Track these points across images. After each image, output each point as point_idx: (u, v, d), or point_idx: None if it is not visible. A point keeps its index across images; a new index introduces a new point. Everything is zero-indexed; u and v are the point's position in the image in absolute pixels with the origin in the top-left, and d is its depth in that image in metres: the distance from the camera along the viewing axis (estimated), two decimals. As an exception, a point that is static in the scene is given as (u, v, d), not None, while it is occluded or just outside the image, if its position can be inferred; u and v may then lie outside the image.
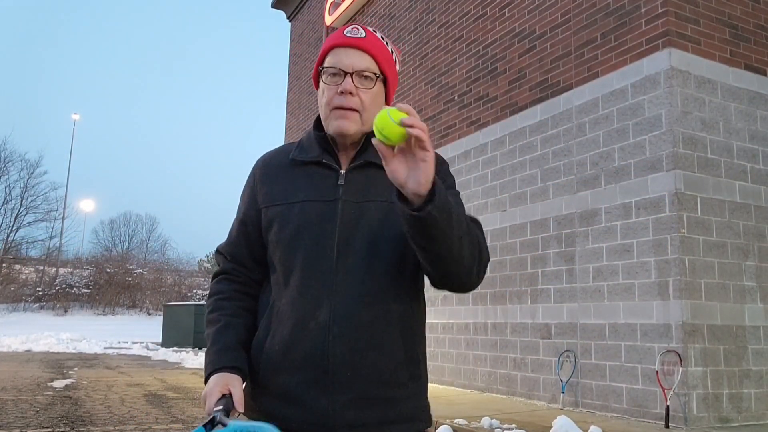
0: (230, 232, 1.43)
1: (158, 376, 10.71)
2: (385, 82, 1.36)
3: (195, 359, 14.04)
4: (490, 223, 7.98)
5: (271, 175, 1.37)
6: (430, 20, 9.94)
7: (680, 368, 5.39)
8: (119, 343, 20.63)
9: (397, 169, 1.12)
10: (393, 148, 1.14)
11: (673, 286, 5.58)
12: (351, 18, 12.77)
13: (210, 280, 1.51)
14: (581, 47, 6.91)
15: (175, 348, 18.03)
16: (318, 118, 1.40)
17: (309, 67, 14.89)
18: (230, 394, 1.21)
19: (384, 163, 1.14)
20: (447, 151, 9.04)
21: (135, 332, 25.52)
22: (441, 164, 1.41)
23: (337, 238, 1.27)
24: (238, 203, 1.45)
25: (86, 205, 45.05)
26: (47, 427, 5.54)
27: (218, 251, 1.45)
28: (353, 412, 1.22)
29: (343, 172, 1.33)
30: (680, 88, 5.89)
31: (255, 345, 1.32)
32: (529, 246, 7.30)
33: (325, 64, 1.34)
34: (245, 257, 1.39)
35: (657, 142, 5.89)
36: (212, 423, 1.14)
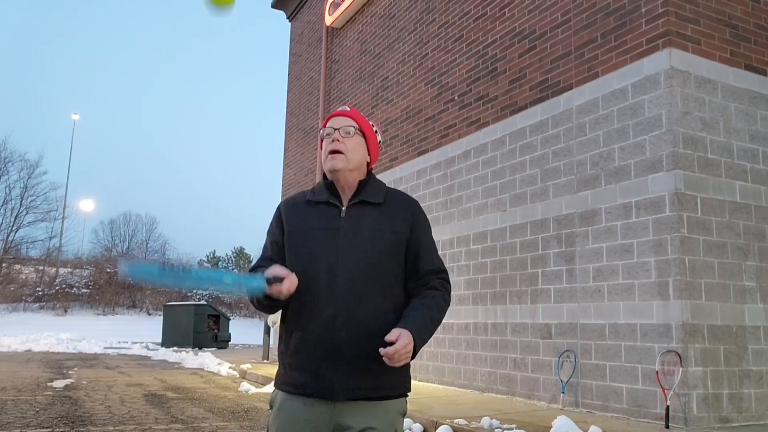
0: (264, 250, 1.93)
1: (158, 376, 10.70)
2: (364, 136, 1.90)
3: (195, 359, 14.04)
4: (490, 223, 7.98)
5: (293, 211, 1.90)
6: (430, 20, 9.94)
7: (680, 368, 5.39)
8: (119, 343, 20.63)
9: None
10: None
11: (673, 286, 5.58)
12: (351, 18, 12.77)
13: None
14: (581, 47, 6.91)
15: (175, 348, 18.02)
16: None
17: (309, 67, 14.89)
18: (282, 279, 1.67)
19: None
20: (447, 151, 9.04)
21: (135, 332, 25.51)
22: (419, 213, 1.91)
23: (338, 254, 1.76)
24: (267, 231, 1.95)
25: (86, 205, 45.04)
26: (47, 427, 5.54)
27: (254, 267, 1.88)
28: (354, 380, 1.70)
29: (344, 208, 1.84)
30: (680, 88, 5.89)
31: (285, 331, 1.82)
32: (529, 246, 7.30)
33: (325, 131, 1.91)
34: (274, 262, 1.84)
35: (657, 142, 5.89)
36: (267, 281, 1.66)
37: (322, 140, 1.91)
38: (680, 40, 5.97)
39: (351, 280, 1.73)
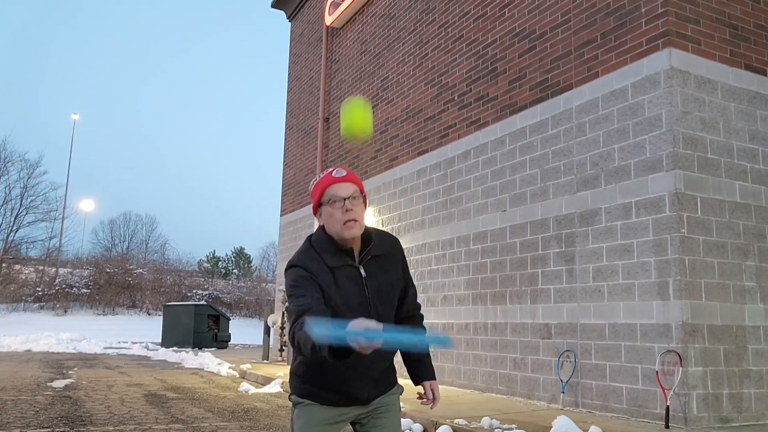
0: (304, 296, 1.99)
1: (158, 376, 10.70)
2: (364, 198, 2.12)
3: (195, 359, 14.03)
4: (490, 223, 7.98)
5: (321, 274, 2.05)
6: (430, 20, 9.94)
7: (680, 368, 5.39)
8: (119, 343, 20.62)
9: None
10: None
11: (673, 286, 5.58)
12: (351, 18, 12.78)
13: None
14: (581, 47, 6.91)
15: (174, 348, 18.02)
16: (322, 227, 2.13)
17: (309, 67, 14.89)
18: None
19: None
20: (447, 151, 9.04)
21: (135, 332, 25.51)
22: (402, 252, 2.26)
23: (372, 309, 2.07)
24: (295, 281, 2.05)
25: (86, 205, 45.00)
26: (47, 427, 5.54)
27: (299, 310, 1.96)
28: (376, 390, 2.14)
29: (361, 268, 2.09)
30: (680, 88, 5.89)
31: (324, 366, 2.03)
32: (529, 246, 7.30)
33: (325, 199, 2.06)
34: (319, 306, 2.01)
35: (657, 142, 5.89)
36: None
37: (318, 203, 2.09)
38: (680, 40, 5.97)
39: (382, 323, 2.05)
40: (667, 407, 5.39)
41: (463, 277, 8.34)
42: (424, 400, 2.20)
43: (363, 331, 1.56)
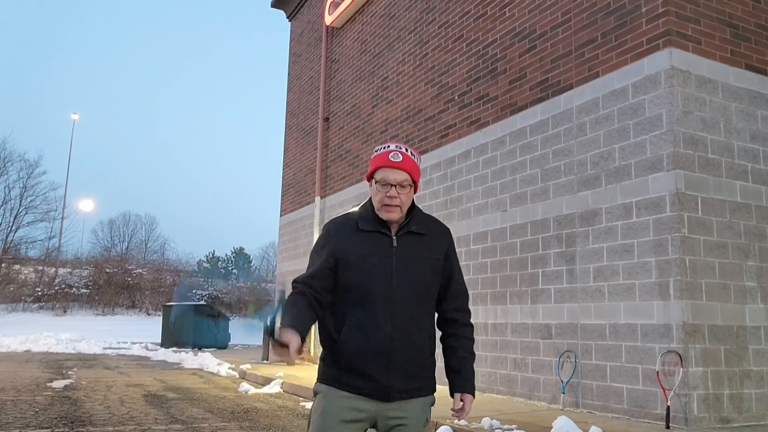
0: (311, 269, 2.09)
1: (157, 376, 10.69)
2: (414, 184, 2.11)
3: (194, 359, 14.01)
4: (490, 223, 7.97)
5: (346, 236, 2.09)
6: (430, 20, 9.93)
7: (681, 368, 5.38)
8: (118, 343, 20.59)
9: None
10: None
11: (673, 286, 5.57)
12: (351, 18, 12.77)
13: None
14: (582, 47, 6.90)
15: (174, 348, 18.00)
16: (369, 201, 2.14)
17: (309, 66, 14.88)
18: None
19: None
20: (447, 151, 9.03)
21: (134, 332, 25.48)
22: (451, 240, 2.27)
23: (394, 280, 2.04)
24: (314, 250, 2.14)
25: (85, 205, 44.93)
26: (46, 428, 5.52)
27: (297, 282, 2.08)
28: (402, 383, 2.04)
29: (394, 237, 2.08)
30: (681, 88, 5.88)
31: (342, 342, 2.03)
32: (529, 246, 7.29)
33: (377, 177, 2.08)
34: (318, 287, 2.07)
35: (657, 142, 5.88)
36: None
37: (372, 177, 2.10)
38: (681, 39, 5.97)
39: (405, 302, 2.04)
40: (668, 407, 5.38)
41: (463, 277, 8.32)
42: (454, 411, 2.15)
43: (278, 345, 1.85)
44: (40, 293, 32.74)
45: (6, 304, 31.29)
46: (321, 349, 2.14)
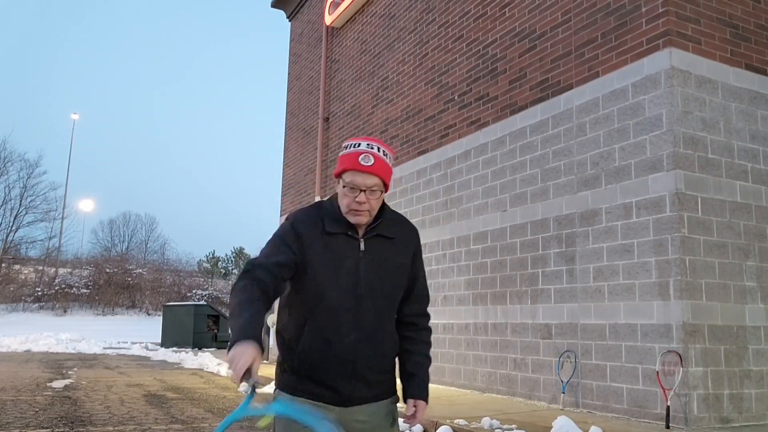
0: (267, 255, 1.90)
1: (158, 376, 10.69)
2: (385, 187, 1.97)
3: (194, 359, 14.02)
4: (490, 223, 7.97)
5: (312, 237, 1.93)
6: (430, 20, 9.93)
7: (681, 368, 5.38)
8: (118, 343, 20.60)
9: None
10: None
11: (673, 286, 5.57)
12: (351, 18, 12.76)
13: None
14: (582, 47, 6.90)
15: (174, 348, 18.00)
16: (336, 196, 1.98)
17: (309, 66, 14.88)
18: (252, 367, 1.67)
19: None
20: (447, 151, 9.03)
21: (134, 332, 25.48)
22: (419, 243, 2.15)
23: (362, 286, 1.93)
24: (280, 238, 1.94)
25: (85, 205, 44.99)
26: (46, 428, 5.53)
27: (256, 265, 1.88)
28: (365, 391, 1.95)
29: (362, 240, 1.96)
30: (681, 88, 5.88)
31: (301, 350, 1.91)
32: (529, 246, 7.29)
33: (345, 180, 1.91)
34: (269, 278, 1.87)
35: (657, 142, 5.88)
36: (253, 389, 1.67)
37: (340, 176, 1.94)
38: (680, 39, 5.97)
39: (372, 310, 1.94)
40: (668, 407, 5.38)
41: (463, 277, 8.33)
42: (405, 417, 2.02)
43: (231, 358, 1.65)
44: (40, 293, 32.76)
45: (6, 304, 31.31)
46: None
